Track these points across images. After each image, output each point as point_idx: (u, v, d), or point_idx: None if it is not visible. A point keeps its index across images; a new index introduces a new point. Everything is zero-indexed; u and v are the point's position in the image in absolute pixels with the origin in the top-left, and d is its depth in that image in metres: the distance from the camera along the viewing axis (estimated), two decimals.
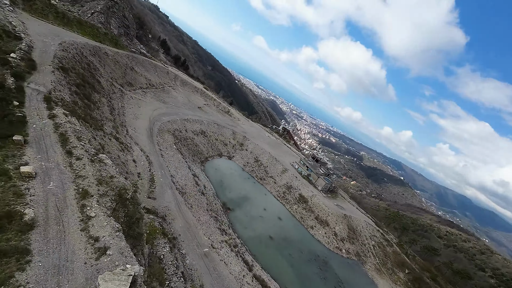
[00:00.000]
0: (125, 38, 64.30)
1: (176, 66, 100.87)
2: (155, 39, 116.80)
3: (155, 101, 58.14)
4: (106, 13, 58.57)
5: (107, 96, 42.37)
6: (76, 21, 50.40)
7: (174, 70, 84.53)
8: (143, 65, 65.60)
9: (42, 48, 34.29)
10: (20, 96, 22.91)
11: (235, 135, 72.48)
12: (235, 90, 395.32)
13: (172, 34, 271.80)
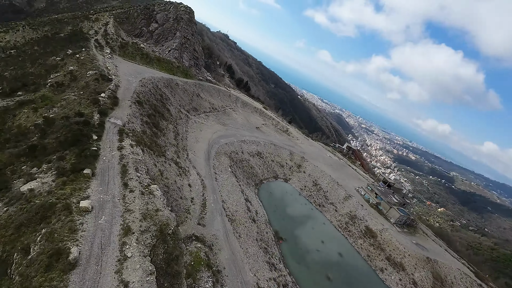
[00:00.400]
0: (194, 68, 72.01)
1: (239, 88, 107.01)
2: (222, 65, 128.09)
3: (216, 123, 61.88)
4: (179, 49, 67.20)
5: (173, 123, 47.19)
6: (156, 59, 59.49)
7: (236, 92, 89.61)
8: (208, 90, 71.71)
9: (126, 86, 40.89)
10: (100, 130, 27.13)
11: (293, 155, 69.80)
12: (297, 106, 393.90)
13: (239, 58, 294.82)
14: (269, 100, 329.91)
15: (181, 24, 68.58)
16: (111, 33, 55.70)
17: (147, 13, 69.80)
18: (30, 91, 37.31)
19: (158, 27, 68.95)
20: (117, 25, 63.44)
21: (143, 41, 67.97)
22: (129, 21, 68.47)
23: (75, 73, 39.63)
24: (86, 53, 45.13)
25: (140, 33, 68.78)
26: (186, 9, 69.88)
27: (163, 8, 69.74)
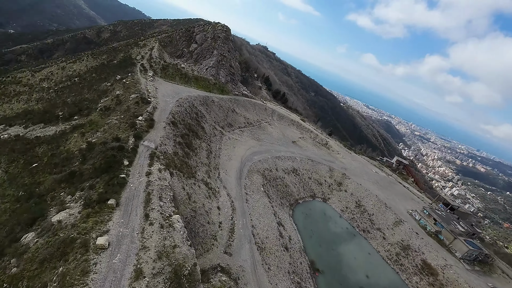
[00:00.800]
0: (230, 84, 73.07)
1: (276, 100, 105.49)
2: (260, 77, 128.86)
3: (250, 139, 60.85)
4: (216, 66, 69.02)
5: (207, 140, 47.47)
6: (194, 78, 61.92)
7: (272, 105, 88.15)
8: (243, 105, 71.72)
9: (163, 107, 42.57)
10: (132, 155, 27.88)
11: (332, 172, 64.32)
12: (339, 114, 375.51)
13: (278, 68, 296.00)
14: (309, 109, 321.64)
15: (218, 43, 70.72)
16: (155, 57, 59.95)
17: (188, 35, 74.12)
18: (84, 116, 41.56)
19: (197, 47, 72.34)
20: (161, 48, 68.32)
21: (184, 61, 71.84)
22: (172, 43, 73.51)
23: (121, 97, 42.95)
24: (131, 78, 48.90)
25: (182, 54, 73.01)
26: (223, 28, 72.10)
27: (201, 29, 73.29)
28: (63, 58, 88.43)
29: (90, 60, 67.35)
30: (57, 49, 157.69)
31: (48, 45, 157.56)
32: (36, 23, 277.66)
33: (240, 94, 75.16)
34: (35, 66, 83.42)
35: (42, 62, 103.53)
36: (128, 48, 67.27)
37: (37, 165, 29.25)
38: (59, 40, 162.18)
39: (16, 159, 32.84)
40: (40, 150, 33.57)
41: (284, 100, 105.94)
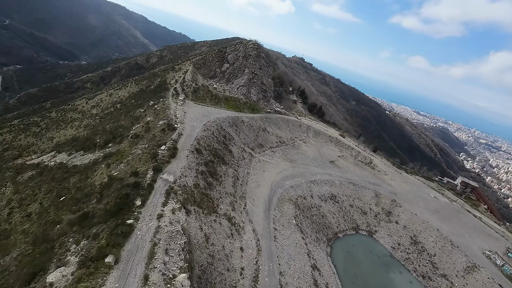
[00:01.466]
0: (262, 101, 70.04)
1: (312, 114, 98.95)
2: (295, 90, 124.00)
3: (282, 161, 55.95)
4: (247, 85, 66.91)
5: (234, 165, 44.29)
6: (224, 99, 60.51)
7: (307, 120, 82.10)
8: (275, 123, 67.59)
9: (189, 133, 40.97)
10: (147, 192, 25.77)
11: (379, 198, 54.96)
12: (385, 123, 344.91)
13: (315, 79, 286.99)
14: (350, 119, 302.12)
15: (249, 61, 68.94)
16: (187, 80, 60.43)
17: (220, 56, 74.33)
18: (116, 143, 42.42)
19: (229, 67, 71.69)
20: (195, 71, 69.19)
21: (217, 81, 71.63)
22: (206, 65, 74.45)
23: (150, 124, 42.93)
24: (162, 103, 49.18)
25: (214, 74, 73.16)
26: (254, 46, 70.37)
27: (233, 48, 72.82)
28: (114, 85, 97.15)
29: (133, 86, 71.73)
30: (114, 76, 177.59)
31: (108, 72, 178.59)
32: (101, 55, 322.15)
33: (272, 111, 71.42)
34: (91, 94, 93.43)
35: (99, 89, 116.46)
36: (165, 73, 69.88)
37: (64, 198, 29.47)
38: (116, 67, 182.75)
39: (52, 189, 34.10)
40: (72, 181, 34.38)
41: (321, 114, 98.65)
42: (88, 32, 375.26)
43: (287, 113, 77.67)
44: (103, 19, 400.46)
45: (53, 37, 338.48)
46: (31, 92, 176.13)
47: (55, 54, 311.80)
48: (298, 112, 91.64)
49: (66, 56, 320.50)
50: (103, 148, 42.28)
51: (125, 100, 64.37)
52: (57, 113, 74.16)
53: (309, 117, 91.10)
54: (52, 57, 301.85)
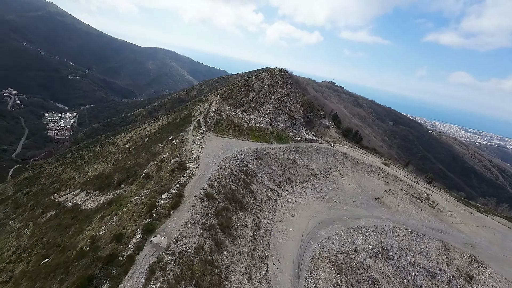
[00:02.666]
0: (291, 129, 60.70)
1: (347, 139, 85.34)
2: (327, 114, 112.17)
3: (315, 199, 44.25)
4: (274, 113, 58.78)
5: (256, 209, 34.58)
6: (248, 129, 52.87)
7: (342, 147, 69.21)
8: (306, 153, 56.85)
9: (202, 173, 33.20)
10: (123, 270, 17.64)
11: (450, 253, 38.57)
12: (429, 143, 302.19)
13: (347, 101, 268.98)
14: (389, 140, 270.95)
15: (275, 88, 61.49)
16: (211, 111, 54.91)
17: (247, 85, 68.79)
18: (128, 184, 36.83)
19: (255, 95, 65.20)
20: (221, 101, 64.09)
21: (242, 110, 65.28)
22: (232, 95, 69.41)
23: (164, 162, 36.72)
24: (181, 137, 43.34)
25: (241, 104, 67.24)
26: (280, 72, 63.26)
27: (259, 77, 66.86)
28: (151, 118, 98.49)
29: (163, 120, 69.48)
30: (160, 109, 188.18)
31: (155, 107, 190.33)
32: (154, 92, 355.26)
33: (302, 140, 61.16)
34: (132, 127, 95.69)
35: (141, 123, 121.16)
36: (192, 105, 66.32)
37: (46, 262, 23.22)
38: (162, 102, 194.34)
39: (51, 240, 28.71)
40: (70, 232, 28.61)
41: (358, 139, 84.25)
42: (145, 74, 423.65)
43: (319, 140, 66.40)
44: (158, 63, 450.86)
45: (119, 80, 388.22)
46: (95, 126, 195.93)
47: (120, 93, 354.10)
48: (332, 138, 79.32)
49: (128, 94, 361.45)
50: (115, 189, 37.02)
51: (153, 134, 61.46)
52: (100, 147, 75.11)
53: (344, 143, 77.88)
54: (117, 96, 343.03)
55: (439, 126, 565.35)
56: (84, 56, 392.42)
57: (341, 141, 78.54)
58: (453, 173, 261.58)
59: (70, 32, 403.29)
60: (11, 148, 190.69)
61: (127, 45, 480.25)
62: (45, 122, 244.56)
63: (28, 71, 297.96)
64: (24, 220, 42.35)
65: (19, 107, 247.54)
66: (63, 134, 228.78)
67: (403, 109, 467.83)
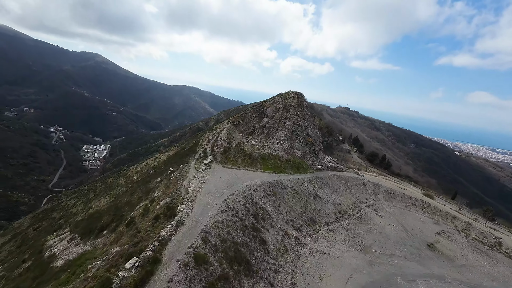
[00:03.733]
0: (309, 156, 50.35)
1: (373, 165, 72.04)
2: (346, 138, 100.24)
3: (348, 249, 31.85)
4: (289, 139, 49.44)
5: (268, 272, 23.45)
6: (260, 158, 43.51)
7: (371, 176, 56.44)
8: (330, 184, 45.35)
9: (196, 219, 23.60)
10: None
11: None
12: (458, 166, 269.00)
13: (364, 125, 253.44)
14: (413, 163, 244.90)
15: (290, 112, 53.07)
16: (220, 139, 47.03)
17: (259, 110, 61.42)
18: (111, 231, 28.15)
19: (268, 121, 57.06)
20: (233, 128, 56.57)
21: (255, 137, 56.88)
22: (244, 121, 62.03)
23: (154, 202, 27.98)
24: (181, 170, 35.01)
25: (253, 130, 59.20)
26: (295, 95, 55.35)
27: (272, 101, 59.53)
28: (166, 148, 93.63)
29: (174, 149, 63.00)
30: (180, 139, 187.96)
31: (176, 137, 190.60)
32: (178, 124, 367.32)
33: (323, 168, 50.13)
34: (146, 158, 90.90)
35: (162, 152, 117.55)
36: (203, 134, 59.53)
37: None
38: (183, 132, 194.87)
39: None
40: None
41: (386, 165, 70.42)
42: (172, 109, 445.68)
43: (343, 167, 54.75)
44: (183, 98, 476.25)
45: (149, 114, 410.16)
46: (121, 157, 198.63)
47: (148, 126, 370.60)
48: (356, 164, 66.84)
49: (155, 127, 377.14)
50: (96, 237, 28.41)
51: (160, 164, 54.40)
52: (113, 178, 69.52)
53: (371, 170, 64.82)
54: (146, 128, 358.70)
55: (462, 147, 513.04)
56: (121, 95, 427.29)
57: (367, 168, 65.65)
58: (491, 198, 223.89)
59: (112, 77, 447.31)
60: (49, 178, 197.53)
61: (158, 84, 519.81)
62: (82, 153, 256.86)
63: (74, 110, 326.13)
64: (3, 270, 34.57)
65: (62, 141, 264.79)
66: (95, 164, 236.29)
67: (422, 131, 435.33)
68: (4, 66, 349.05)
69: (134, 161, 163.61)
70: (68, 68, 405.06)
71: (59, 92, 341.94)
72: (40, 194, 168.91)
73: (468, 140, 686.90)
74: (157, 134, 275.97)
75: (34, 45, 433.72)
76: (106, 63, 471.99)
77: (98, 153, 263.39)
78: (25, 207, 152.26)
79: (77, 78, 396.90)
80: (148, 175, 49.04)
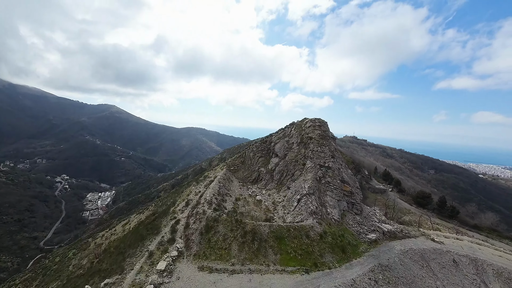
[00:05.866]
0: (351, 215, 29.32)
1: (427, 210, 48.70)
2: (372, 172, 78.32)
3: None
4: (316, 191, 29.14)
5: None
6: (273, 237, 22.66)
7: (450, 240, 33.48)
8: (407, 276, 23.10)
9: None
10: None
11: None
12: (488, 190, 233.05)
13: (375, 153, 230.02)
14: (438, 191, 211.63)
15: (310, 147, 34.03)
16: (204, 201, 27.23)
17: (265, 148, 42.90)
18: None
19: (278, 162, 37.76)
20: (228, 177, 37.19)
21: (261, 186, 36.87)
22: (245, 165, 43.05)
23: None
24: (120, 281, 14.38)
25: (258, 176, 39.60)
26: (314, 123, 36.99)
27: (282, 134, 41.34)
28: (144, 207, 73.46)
29: (150, 209, 42.99)
30: (183, 181, 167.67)
31: (178, 180, 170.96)
32: (185, 165, 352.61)
33: (379, 236, 28.24)
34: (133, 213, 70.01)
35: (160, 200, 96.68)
36: (186, 187, 40.17)
37: None
38: (185, 174, 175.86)
39: None
40: None
41: (452, 212, 46.84)
42: (180, 150, 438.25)
43: (405, 229, 32.39)
44: (191, 139, 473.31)
45: (157, 157, 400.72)
46: (120, 206, 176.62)
47: (156, 169, 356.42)
48: (409, 214, 43.93)
49: (163, 169, 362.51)
50: None
51: (120, 239, 33.72)
52: (85, 243, 48.55)
53: (442, 226, 41.35)
54: (153, 171, 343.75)
55: (477, 168, 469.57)
56: (132, 141, 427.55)
57: (432, 221, 42.32)
58: None
59: (124, 124, 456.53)
60: (43, 235, 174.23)
61: (167, 128, 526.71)
62: (85, 202, 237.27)
63: (84, 157, 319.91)
64: None
65: (66, 191, 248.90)
66: (97, 214, 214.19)
67: (432, 155, 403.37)
68: (27, 122, 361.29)
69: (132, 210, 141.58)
70: (84, 120, 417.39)
71: (73, 142, 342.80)
72: (27, 255, 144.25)
73: (480, 160, 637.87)
74: (161, 177, 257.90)
75: (57, 102, 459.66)
76: (120, 113, 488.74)
77: (101, 200, 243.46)
78: (5, 274, 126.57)
79: (91, 128, 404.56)
80: (99, 259, 28.22)
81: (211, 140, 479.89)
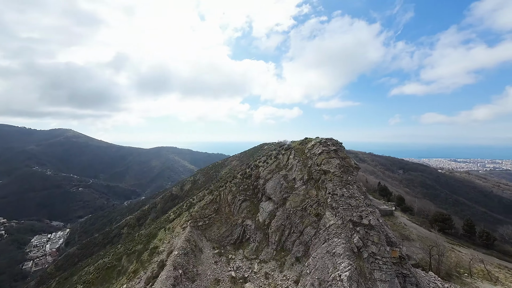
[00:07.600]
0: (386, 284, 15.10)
1: (451, 238, 38.42)
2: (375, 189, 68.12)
3: None
4: (357, 273, 14.83)
5: None
6: None
7: None
8: None
9: None
10: None
11: None
12: (450, 184, 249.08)
13: None
14: (411, 191, 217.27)
15: (328, 189, 20.18)
16: None
17: (249, 186, 27.91)
18: None
19: (274, 211, 23.10)
20: (195, 240, 21.03)
21: (251, 254, 21.47)
22: (221, 213, 27.42)
23: None
24: None
25: (243, 234, 24.23)
26: (328, 148, 22.53)
27: (275, 165, 26.38)
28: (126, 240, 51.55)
29: (126, 244, 23.72)
30: (150, 213, 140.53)
31: (144, 211, 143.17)
32: (157, 188, 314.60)
33: None
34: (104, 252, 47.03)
35: (120, 242, 72.27)
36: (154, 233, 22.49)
37: None
38: (153, 203, 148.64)
39: None
40: None
41: (487, 239, 37.03)
42: (149, 172, 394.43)
43: None
44: (161, 159, 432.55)
45: (123, 183, 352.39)
46: (70, 252, 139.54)
47: (122, 196, 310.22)
48: (426, 241, 32.67)
49: (130, 195, 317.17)
50: None
51: None
52: None
53: (493, 268, 30.53)
54: (119, 199, 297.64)
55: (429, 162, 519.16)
56: (93, 167, 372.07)
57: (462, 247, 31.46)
58: (497, 213, 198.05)
59: (82, 149, 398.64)
60: None
61: (134, 149, 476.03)
62: (28, 250, 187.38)
63: (30, 192, 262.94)
64: None
65: (2, 238, 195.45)
66: (43, 263, 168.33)
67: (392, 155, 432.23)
68: None
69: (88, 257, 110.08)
70: (32, 148, 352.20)
71: (15, 175, 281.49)
72: None
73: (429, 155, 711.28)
74: (127, 207, 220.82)
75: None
76: (77, 137, 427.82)
77: (51, 244, 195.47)
78: None
79: (41, 157, 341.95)
80: None
81: (184, 158, 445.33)
